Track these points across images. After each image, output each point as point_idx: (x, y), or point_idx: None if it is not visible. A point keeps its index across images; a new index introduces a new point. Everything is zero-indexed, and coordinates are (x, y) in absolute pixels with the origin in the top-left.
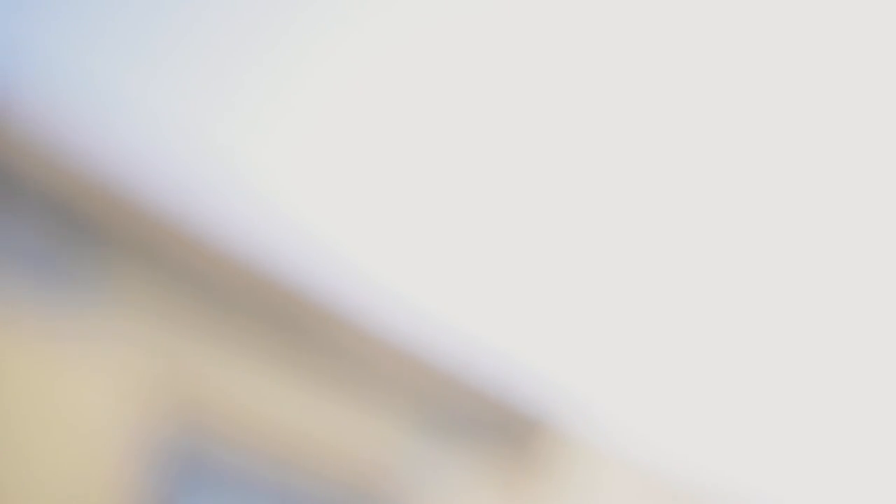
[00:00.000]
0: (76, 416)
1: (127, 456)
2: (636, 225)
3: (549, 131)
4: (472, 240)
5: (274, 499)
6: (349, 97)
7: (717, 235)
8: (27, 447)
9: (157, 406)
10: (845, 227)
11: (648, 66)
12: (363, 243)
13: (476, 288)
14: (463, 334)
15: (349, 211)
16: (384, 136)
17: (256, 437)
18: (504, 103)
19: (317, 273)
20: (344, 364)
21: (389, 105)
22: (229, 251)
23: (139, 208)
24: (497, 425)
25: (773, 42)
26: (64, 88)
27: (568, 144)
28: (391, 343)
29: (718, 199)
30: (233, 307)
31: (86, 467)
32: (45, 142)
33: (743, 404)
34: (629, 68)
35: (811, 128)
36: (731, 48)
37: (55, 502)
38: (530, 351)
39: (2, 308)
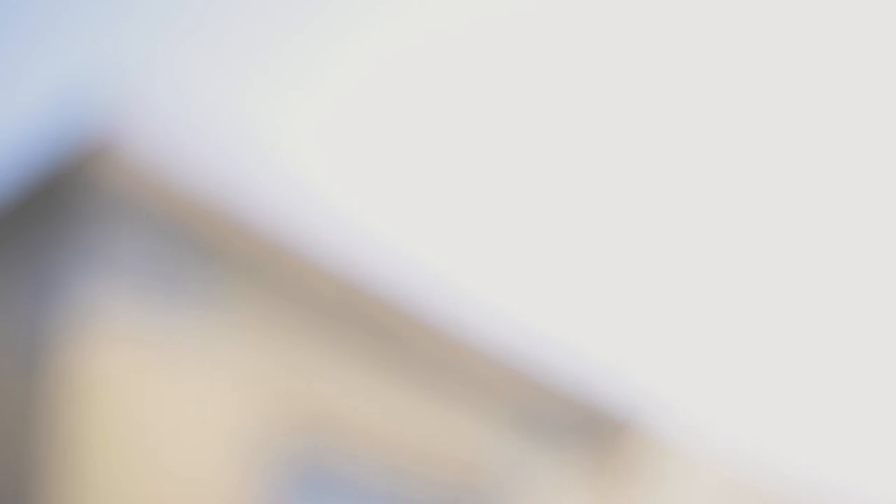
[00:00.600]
0: (196, 428)
1: (244, 464)
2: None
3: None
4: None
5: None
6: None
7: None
8: (150, 456)
9: (272, 417)
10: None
11: (669, 67)
12: (459, 259)
13: (567, 295)
14: (555, 341)
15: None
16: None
17: (365, 446)
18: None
19: (420, 290)
20: (443, 373)
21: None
22: (341, 270)
23: (257, 229)
24: (587, 428)
25: (773, 43)
26: (177, 112)
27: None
28: (487, 351)
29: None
30: (342, 323)
31: (205, 475)
32: (162, 164)
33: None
34: (655, 69)
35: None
36: (731, 49)
37: None
38: (621, 355)
39: (128, 325)
